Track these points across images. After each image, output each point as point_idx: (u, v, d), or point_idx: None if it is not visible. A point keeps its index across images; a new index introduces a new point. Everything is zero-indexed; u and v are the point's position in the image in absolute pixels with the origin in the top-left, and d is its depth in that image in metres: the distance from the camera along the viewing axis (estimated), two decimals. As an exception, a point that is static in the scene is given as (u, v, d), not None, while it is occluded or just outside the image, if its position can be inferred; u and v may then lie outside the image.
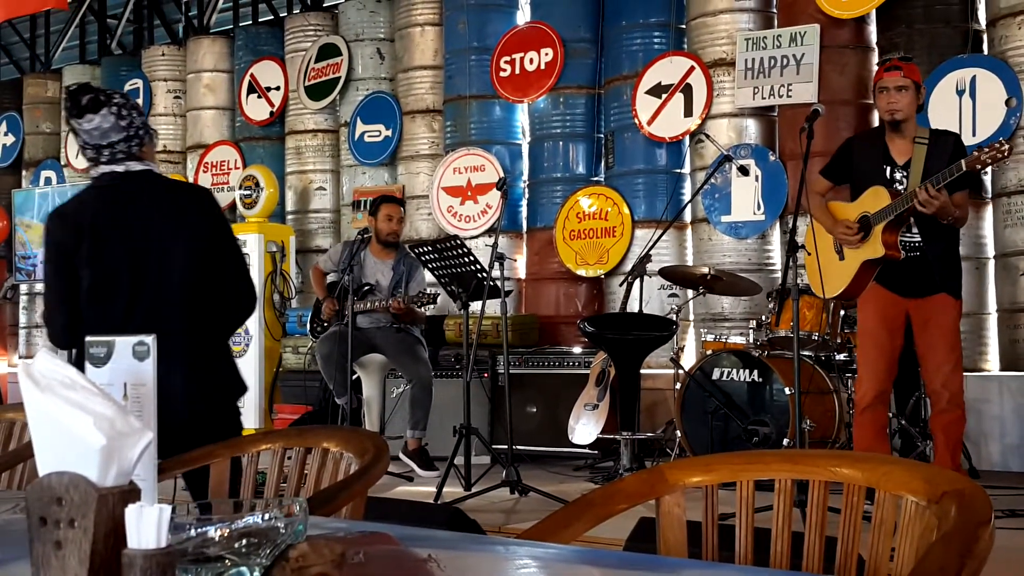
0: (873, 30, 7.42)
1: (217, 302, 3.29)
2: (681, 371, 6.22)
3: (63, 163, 11.83)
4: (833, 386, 5.88)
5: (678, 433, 6.11)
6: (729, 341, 6.39)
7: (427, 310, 7.11)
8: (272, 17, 11.03)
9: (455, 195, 8.80)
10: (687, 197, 7.79)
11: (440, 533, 1.67)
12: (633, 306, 6.53)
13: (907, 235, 4.76)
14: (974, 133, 6.54)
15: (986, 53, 6.92)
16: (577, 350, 7.31)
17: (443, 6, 9.13)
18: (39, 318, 11.87)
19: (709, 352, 6.28)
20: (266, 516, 1.22)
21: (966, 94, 6.69)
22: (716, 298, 7.26)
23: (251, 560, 1.20)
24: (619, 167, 8.21)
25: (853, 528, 1.55)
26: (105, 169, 3.20)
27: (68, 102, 3.14)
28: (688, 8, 7.99)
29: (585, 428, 6.48)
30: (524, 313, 8.42)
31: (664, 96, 7.85)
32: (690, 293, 7.09)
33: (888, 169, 4.81)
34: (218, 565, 1.19)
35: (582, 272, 8.21)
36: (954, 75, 6.72)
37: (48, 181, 11.65)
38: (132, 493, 1.20)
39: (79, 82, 3.27)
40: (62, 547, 1.17)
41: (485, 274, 5.90)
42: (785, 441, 5.62)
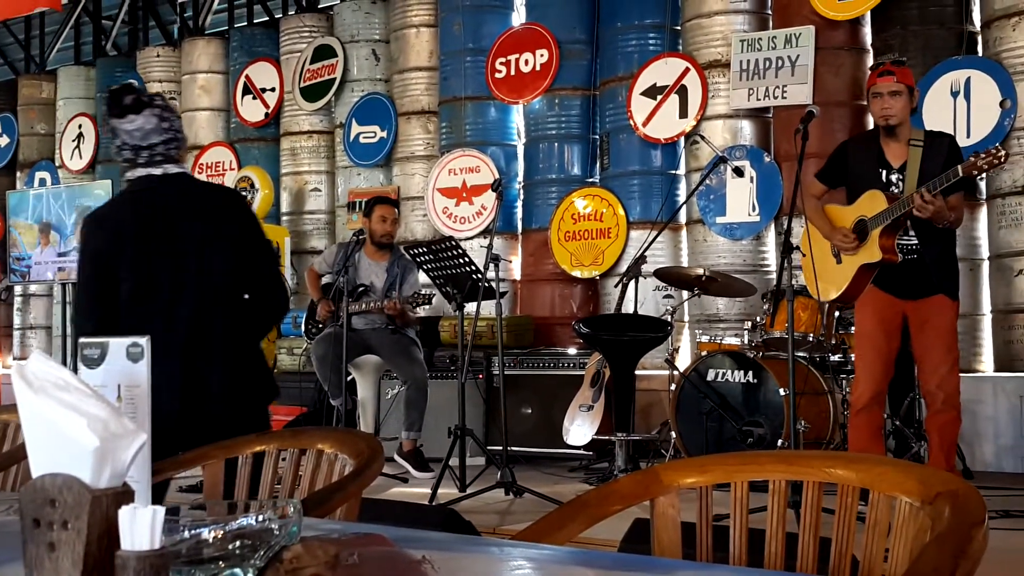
0: (868, 32, 7.43)
1: (252, 304, 3.29)
2: (676, 372, 6.23)
3: (57, 164, 11.80)
4: (828, 387, 5.88)
5: (673, 434, 6.11)
6: (724, 342, 6.39)
7: (423, 311, 7.11)
8: (267, 18, 11.02)
9: (450, 196, 8.80)
10: (682, 198, 7.80)
11: (435, 534, 1.67)
12: (628, 307, 6.54)
13: (904, 238, 4.77)
14: (968, 134, 6.55)
15: (980, 54, 6.93)
16: (572, 351, 7.31)
17: (438, 7, 9.13)
18: (33, 319, 11.86)
19: (704, 353, 6.28)
20: (260, 518, 1.22)
21: (960, 95, 6.70)
22: (711, 299, 7.27)
23: (245, 562, 1.20)
24: (614, 168, 8.22)
25: (847, 529, 1.55)
26: (141, 172, 3.19)
27: (110, 101, 3.12)
28: (683, 9, 8.00)
29: (580, 429, 6.48)
30: (519, 314, 8.42)
31: (659, 97, 7.86)
32: (685, 294, 7.09)
33: (884, 173, 4.81)
34: (212, 567, 1.19)
35: (577, 273, 8.21)
36: (948, 76, 6.73)
37: (42, 182, 11.62)
38: (126, 495, 1.20)
39: (123, 83, 3.26)
40: (55, 549, 1.17)
41: (480, 275, 5.90)
42: (780, 442, 5.62)
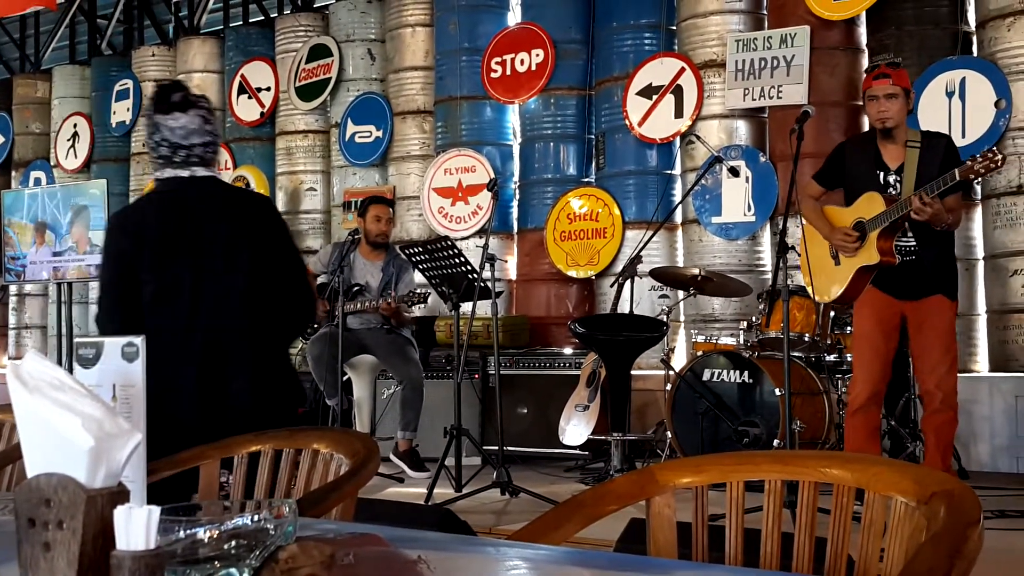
0: (863, 32, 7.44)
1: (278, 309, 3.28)
2: (672, 372, 6.23)
3: (52, 164, 11.78)
4: (823, 387, 5.89)
5: (668, 434, 6.11)
6: (719, 342, 6.40)
7: (418, 310, 7.10)
8: (263, 17, 11.01)
9: (446, 196, 8.79)
10: (678, 198, 7.80)
11: (430, 534, 1.67)
12: (624, 307, 6.54)
13: (902, 239, 4.77)
14: (963, 135, 6.55)
15: (976, 55, 6.93)
16: (568, 351, 7.31)
17: (434, 7, 9.12)
18: (28, 319, 11.85)
19: (699, 353, 6.28)
20: (256, 518, 1.22)
21: (955, 96, 6.71)
22: (706, 299, 7.27)
23: (241, 562, 1.20)
24: (610, 168, 8.21)
25: (843, 529, 1.55)
26: (171, 173, 3.18)
27: (156, 96, 3.11)
28: (679, 9, 8.00)
29: (576, 429, 6.48)
30: (515, 314, 8.42)
31: (655, 97, 7.86)
32: (681, 294, 7.09)
33: (881, 174, 4.82)
34: (207, 567, 1.18)
35: (573, 273, 8.21)
36: (944, 77, 6.74)
37: (37, 182, 11.59)
38: (121, 494, 1.20)
39: (168, 80, 3.27)
40: (51, 548, 1.17)
41: (476, 275, 5.90)
42: (775, 442, 5.63)
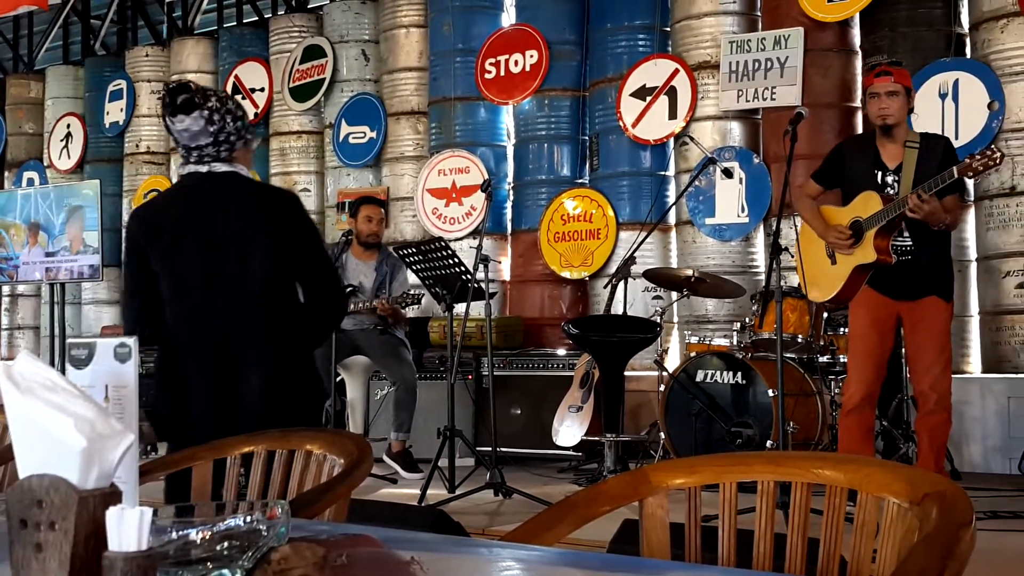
0: (857, 33, 7.45)
1: (298, 307, 3.24)
2: (665, 373, 6.23)
3: (46, 164, 11.76)
4: (816, 388, 5.90)
5: (662, 435, 6.12)
6: (713, 343, 6.40)
7: (412, 311, 7.10)
8: (256, 18, 11.00)
9: (440, 197, 8.79)
10: (671, 199, 7.81)
11: (424, 535, 1.66)
12: (617, 308, 6.54)
13: (899, 239, 4.77)
14: (956, 136, 6.56)
15: (969, 56, 6.95)
16: (561, 352, 7.31)
17: (428, 8, 9.12)
18: (20, 320, 11.83)
19: (693, 354, 6.29)
20: (248, 519, 1.22)
21: (949, 97, 6.72)
22: (700, 300, 7.28)
23: (233, 563, 1.19)
24: (604, 169, 8.22)
25: (835, 530, 1.55)
26: (191, 168, 3.19)
27: (164, 99, 3.12)
28: (673, 11, 8.01)
29: (569, 430, 6.48)
30: (508, 315, 8.42)
31: (649, 99, 7.86)
32: (674, 295, 7.10)
33: (879, 174, 4.81)
34: (199, 568, 1.18)
35: (566, 274, 8.21)
36: (937, 78, 6.75)
37: (31, 182, 11.57)
38: (113, 495, 1.20)
39: (182, 80, 3.24)
40: (42, 550, 1.16)
41: (469, 276, 5.90)
42: (768, 443, 5.63)
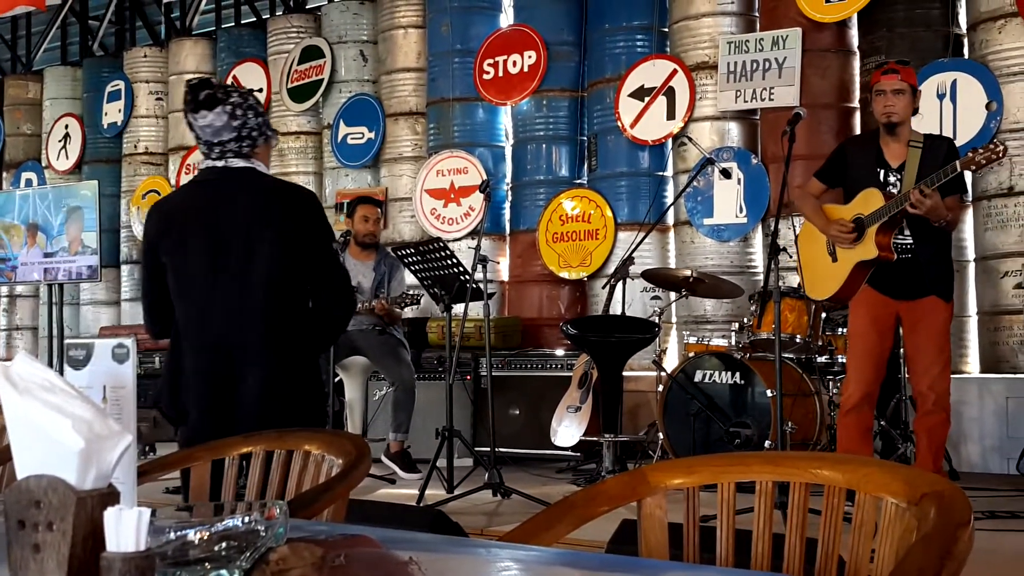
0: (855, 34, 7.46)
1: (305, 308, 3.22)
2: (663, 373, 6.23)
3: (44, 165, 11.76)
4: (815, 388, 5.89)
5: (660, 435, 6.11)
6: (711, 343, 6.40)
7: (411, 311, 7.09)
8: (255, 19, 10.99)
9: (438, 197, 8.79)
10: (670, 200, 7.81)
11: (422, 535, 1.67)
12: (616, 308, 6.54)
13: (899, 237, 4.77)
14: (955, 136, 6.55)
15: (967, 57, 6.95)
16: (560, 352, 7.31)
17: (426, 8, 9.12)
18: (19, 320, 11.84)
19: (691, 354, 6.29)
20: (246, 519, 1.22)
21: (947, 98, 6.72)
22: (698, 300, 7.28)
23: (231, 563, 1.19)
24: (602, 170, 8.22)
25: (834, 530, 1.55)
26: (209, 164, 3.20)
27: (187, 96, 3.13)
28: (671, 11, 8.01)
29: (568, 430, 6.48)
30: (507, 315, 8.42)
31: (647, 99, 7.87)
32: (672, 295, 7.10)
33: (882, 172, 4.81)
34: (198, 568, 1.18)
35: (565, 274, 8.21)
36: (935, 79, 6.75)
37: (28, 183, 11.57)
38: (111, 496, 1.20)
39: (201, 77, 3.25)
40: (40, 550, 1.16)
41: (468, 276, 5.90)
42: (767, 443, 5.63)
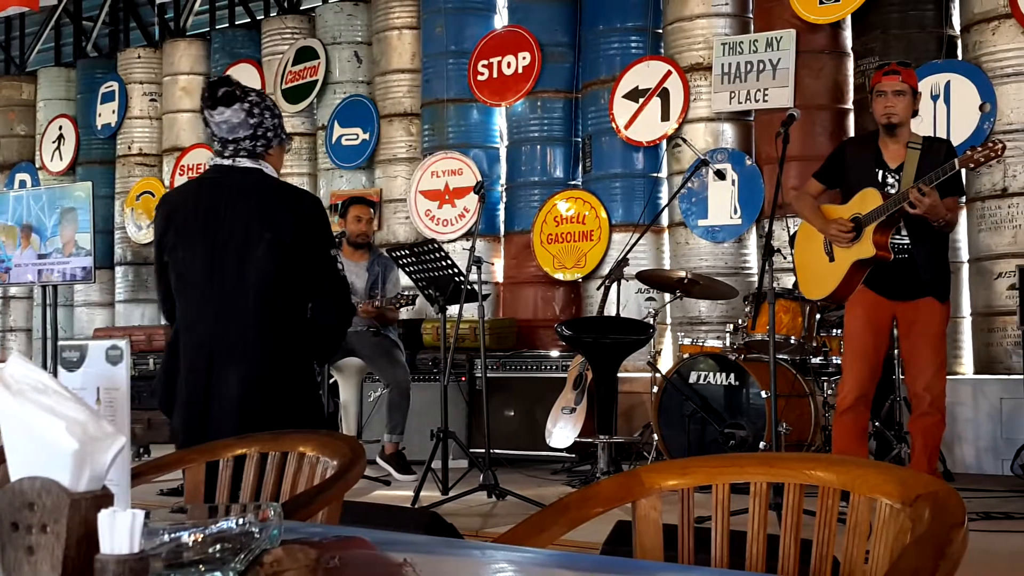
0: (849, 35, 7.47)
1: (298, 311, 3.19)
2: (658, 375, 6.24)
3: (38, 166, 11.74)
4: (809, 389, 5.90)
5: (655, 436, 6.12)
6: (706, 345, 6.40)
7: (405, 312, 7.08)
8: (249, 20, 10.99)
9: (433, 199, 8.79)
10: (664, 201, 7.81)
11: (417, 537, 1.66)
12: (610, 310, 6.54)
13: (896, 238, 4.77)
14: (948, 138, 6.57)
15: (960, 58, 6.97)
16: (554, 354, 7.31)
17: (420, 9, 9.12)
18: (12, 322, 11.81)
19: (686, 356, 6.29)
20: (241, 521, 1.22)
21: (940, 99, 6.73)
22: (693, 302, 7.28)
23: (225, 565, 1.19)
24: (596, 171, 8.23)
25: (828, 531, 1.55)
26: (217, 162, 3.20)
27: (205, 92, 3.14)
28: (665, 13, 8.02)
29: (562, 432, 6.48)
30: (502, 317, 8.42)
31: (641, 100, 7.87)
32: (667, 297, 7.10)
33: (881, 173, 4.82)
34: (192, 570, 1.18)
35: (559, 276, 8.21)
36: (929, 80, 6.76)
37: (23, 184, 11.55)
38: (105, 498, 1.19)
39: (219, 76, 3.26)
40: (34, 552, 1.16)
41: (462, 278, 5.90)
42: (761, 444, 5.64)
